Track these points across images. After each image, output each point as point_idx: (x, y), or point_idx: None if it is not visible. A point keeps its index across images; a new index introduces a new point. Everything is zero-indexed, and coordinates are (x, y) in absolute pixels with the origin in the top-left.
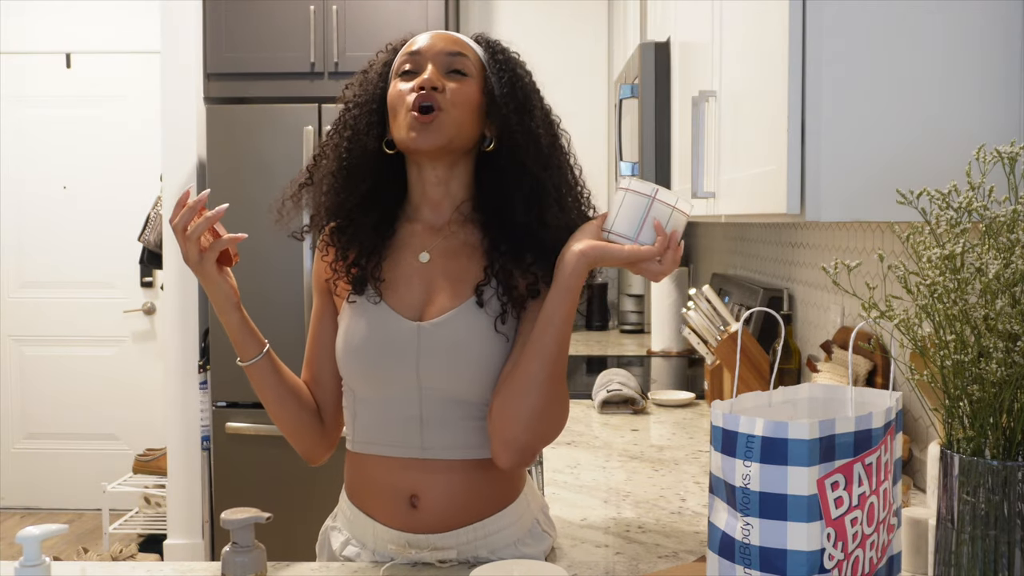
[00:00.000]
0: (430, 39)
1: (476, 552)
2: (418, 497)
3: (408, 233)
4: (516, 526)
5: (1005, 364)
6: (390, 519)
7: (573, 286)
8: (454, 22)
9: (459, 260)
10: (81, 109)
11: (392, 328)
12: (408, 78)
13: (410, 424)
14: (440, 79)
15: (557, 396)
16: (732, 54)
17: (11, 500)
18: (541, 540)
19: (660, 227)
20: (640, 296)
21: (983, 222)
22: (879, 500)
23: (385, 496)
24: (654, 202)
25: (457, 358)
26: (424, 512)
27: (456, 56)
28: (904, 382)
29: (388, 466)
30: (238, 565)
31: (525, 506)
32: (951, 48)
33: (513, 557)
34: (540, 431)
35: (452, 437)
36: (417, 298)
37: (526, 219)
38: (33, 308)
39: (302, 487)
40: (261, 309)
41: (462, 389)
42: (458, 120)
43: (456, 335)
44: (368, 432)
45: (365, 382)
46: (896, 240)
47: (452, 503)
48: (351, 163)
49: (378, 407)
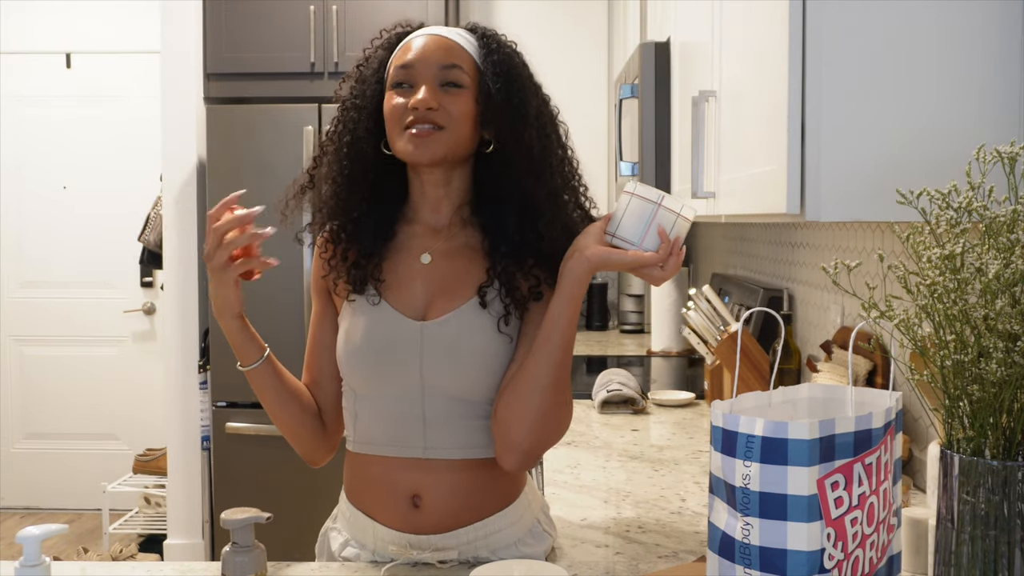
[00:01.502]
0: (423, 49)
1: (477, 552)
2: (420, 497)
3: (408, 235)
4: (517, 526)
5: (1005, 364)
6: (391, 519)
7: (577, 292)
8: (454, 22)
9: (460, 262)
10: (81, 109)
11: (395, 327)
12: (402, 92)
13: (413, 423)
14: (435, 97)
15: (561, 400)
16: (732, 54)
17: (11, 500)
18: (542, 540)
19: (664, 234)
20: (640, 296)
21: (983, 222)
22: (879, 500)
23: (386, 496)
24: (660, 208)
25: (461, 357)
26: (426, 512)
27: (451, 69)
28: (904, 382)
29: (389, 466)
30: (238, 565)
31: (526, 506)
32: (951, 48)
33: (514, 557)
34: (544, 434)
35: (454, 436)
36: (419, 298)
37: (519, 230)
38: (33, 308)
39: (302, 487)
40: (261, 310)
41: (465, 388)
42: (454, 135)
43: (459, 334)
44: (369, 432)
45: (367, 381)
46: (896, 240)
47: (454, 503)
48: (352, 167)
49: (379, 406)
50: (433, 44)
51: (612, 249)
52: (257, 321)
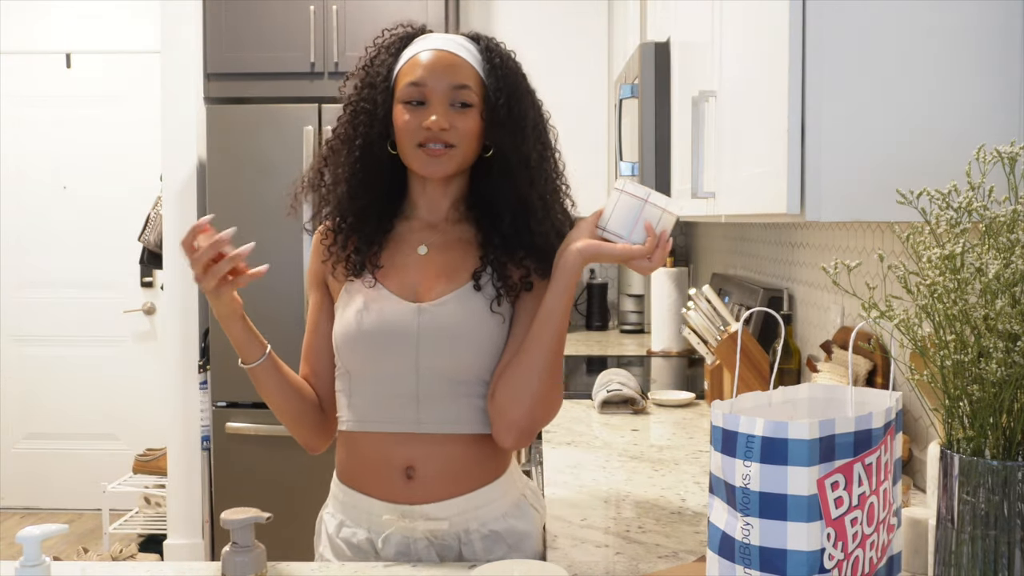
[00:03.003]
0: (434, 67)
1: (467, 524)
2: (414, 468)
3: (406, 229)
4: (504, 499)
5: (1005, 364)
6: (385, 492)
7: (571, 283)
8: (454, 22)
9: (455, 252)
10: (81, 109)
11: (392, 309)
12: (413, 108)
13: (406, 401)
14: (447, 118)
15: (554, 383)
16: (732, 54)
17: (11, 500)
18: (528, 514)
19: (651, 228)
20: (640, 296)
21: (983, 222)
22: (879, 500)
23: (380, 470)
24: (647, 205)
25: (456, 338)
26: (419, 483)
27: (460, 89)
28: (904, 382)
29: (384, 441)
30: (238, 565)
31: (511, 482)
32: (951, 48)
33: (503, 530)
34: (539, 414)
35: (446, 412)
36: (415, 284)
37: (512, 225)
38: (33, 308)
39: (302, 487)
40: (261, 307)
41: (459, 368)
42: (463, 151)
43: (455, 316)
44: (363, 410)
45: (363, 361)
46: (896, 240)
47: (446, 474)
48: (364, 168)
49: (374, 385)
50: (443, 62)
51: (603, 243)
52: (257, 318)
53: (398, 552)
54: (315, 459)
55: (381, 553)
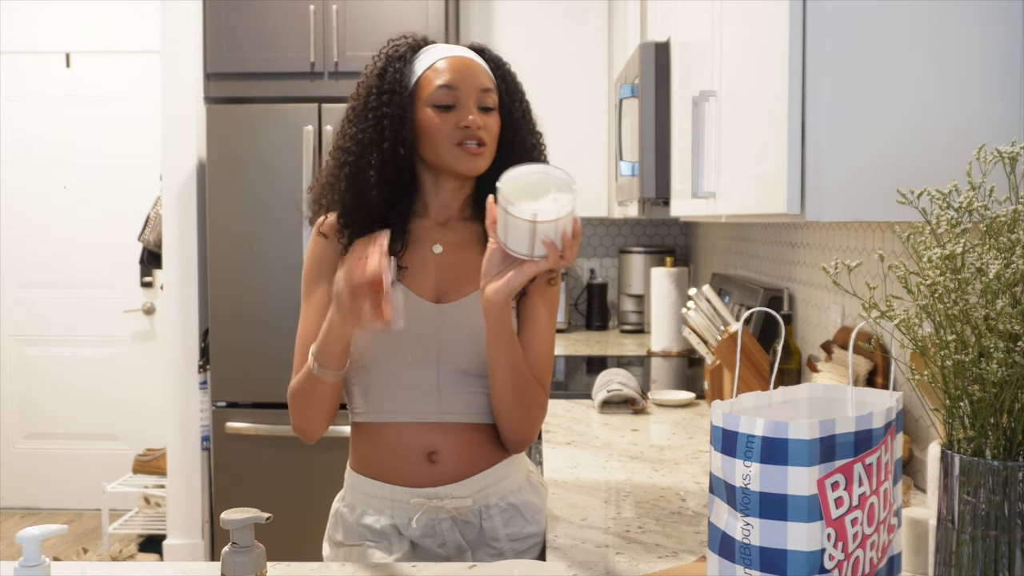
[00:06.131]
0: (464, 72)
1: (487, 500)
2: (436, 452)
3: (419, 228)
4: (517, 475)
5: (1005, 364)
6: (408, 478)
7: (503, 327)
8: (454, 22)
9: (469, 253)
10: (81, 109)
11: (415, 308)
12: (446, 112)
13: (428, 392)
14: (481, 118)
15: (530, 398)
16: (732, 54)
17: (11, 500)
18: (539, 490)
19: (550, 244)
20: (640, 296)
21: (983, 222)
22: (879, 500)
23: (402, 457)
24: (537, 225)
25: (478, 337)
26: (442, 465)
27: (488, 92)
28: (904, 382)
29: (406, 430)
30: (238, 565)
31: (521, 458)
32: (951, 48)
33: (520, 503)
34: (525, 429)
35: (466, 404)
36: (434, 283)
37: None
38: (33, 308)
39: (302, 487)
40: (262, 304)
41: (478, 365)
42: (491, 149)
43: (477, 316)
44: (383, 403)
45: (387, 355)
46: (896, 240)
47: (466, 455)
48: (394, 171)
49: (395, 379)
50: (470, 67)
51: (511, 277)
52: (258, 315)
53: (423, 534)
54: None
55: (408, 535)
